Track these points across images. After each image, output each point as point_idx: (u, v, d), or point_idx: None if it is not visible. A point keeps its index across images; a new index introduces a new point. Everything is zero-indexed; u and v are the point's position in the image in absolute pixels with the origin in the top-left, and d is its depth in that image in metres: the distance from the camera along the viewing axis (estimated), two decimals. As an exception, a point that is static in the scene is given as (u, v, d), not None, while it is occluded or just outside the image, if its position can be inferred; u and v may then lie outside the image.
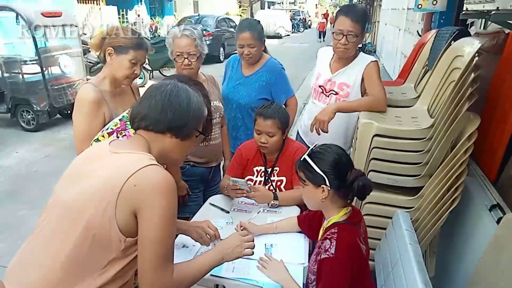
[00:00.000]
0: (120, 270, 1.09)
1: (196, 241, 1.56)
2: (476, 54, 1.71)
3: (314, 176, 1.37)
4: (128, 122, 1.51)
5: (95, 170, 1.11)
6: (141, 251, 1.07)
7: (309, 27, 32.40)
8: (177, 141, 1.20)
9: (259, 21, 2.53)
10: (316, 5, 54.05)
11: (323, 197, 1.37)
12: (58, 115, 6.23)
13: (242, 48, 2.38)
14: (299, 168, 1.43)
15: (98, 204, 1.04)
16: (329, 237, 1.34)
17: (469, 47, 1.79)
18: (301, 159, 1.42)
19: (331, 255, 1.28)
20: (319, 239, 1.47)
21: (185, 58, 2.05)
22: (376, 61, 2.27)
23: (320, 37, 21.09)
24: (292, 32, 27.12)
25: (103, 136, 1.51)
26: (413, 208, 1.86)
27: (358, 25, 2.12)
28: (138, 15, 13.94)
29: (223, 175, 2.47)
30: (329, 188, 1.35)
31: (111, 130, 1.52)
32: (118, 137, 1.47)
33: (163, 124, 1.16)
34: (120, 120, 1.55)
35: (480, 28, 3.11)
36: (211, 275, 1.43)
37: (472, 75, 1.67)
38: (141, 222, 1.06)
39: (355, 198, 1.98)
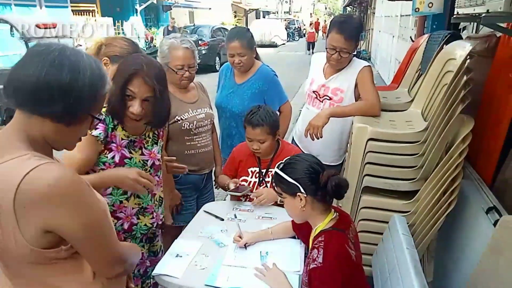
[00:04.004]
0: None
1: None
2: (468, 57, 1.71)
3: (288, 186, 1.38)
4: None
5: None
6: (82, 255, 0.96)
7: (304, 35, 32.60)
8: (59, 126, 0.91)
9: (248, 29, 2.53)
10: (311, 14, 54.57)
11: (301, 206, 1.36)
12: (53, 126, 6.21)
13: (233, 57, 2.38)
14: (274, 182, 1.45)
15: (5, 237, 0.86)
16: (316, 246, 1.32)
17: (460, 50, 1.80)
18: (274, 173, 1.44)
19: (319, 264, 1.26)
20: (309, 249, 1.46)
21: (186, 70, 2.07)
22: (369, 66, 2.28)
23: (309, 49, 18.73)
24: (287, 41, 27.32)
25: None
26: (410, 212, 1.85)
27: (352, 41, 2.15)
28: (173, 26, 13.06)
29: (215, 180, 2.46)
30: (305, 195, 1.35)
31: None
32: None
33: (36, 107, 0.88)
34: None
35: (472, 32, 3.13)
36: (206, 285, 1.41)
37: (465, 77, 1.67)
38: (62, 236, 0.90)
39: (356, 203, 2.00)
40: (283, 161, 1.45)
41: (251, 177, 2.08)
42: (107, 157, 1.54)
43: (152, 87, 1.47)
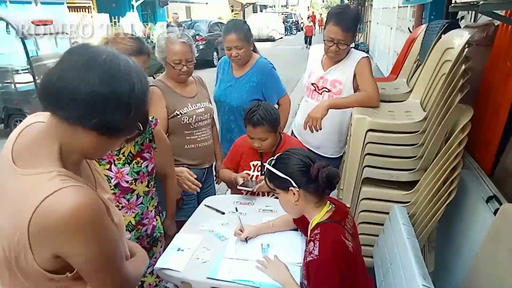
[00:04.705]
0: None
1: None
2: (466, 46, 1.70)
3: (280, 182, 1.40)
4: None
5: (1, 197, 0.87)
6: (88, 282, 0.92)
7: (302, 29, 32.37)
8: (102, 138, 0.86)
9: (245, 22, 2.52)
10: (308, 7, 54.31)
11: (295, 200, 1.38)
12: (52, 124, 6.19)
13: (230, 50, 2.36)
14: (267, 179, 1.46)
15: (16, 248, 0.84)
16: (312, 238, 1.33)
17: (458, 39, 1.79)
18: (266, 169, 1.46)
19: (315, 257, 1.27)
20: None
21: (183, 65, 2.06)
22: (367, 56, 2.27)
23: (306, 42, 18.40)
24: (285, 35, 27.21)
25: None
26: (410, 203, 1.85)
27: (349, 33, 2.15)
28: (177, 22, 12.40)
29: (215, 175, 2.48)
30: (297, 189, 1.36)
31: None
32: None
33: (88, 120, 0.82)
34: None
35: (470, 21, 3.12)
36: (208, 278, 1.42)
37: (463, 66, 1.66)
38: (71, 264, 0.87)
39: (356, 195, 2.00)
40: (274, 157, 1.47)
41: (253, 171, 2.08)
42: None
43: None
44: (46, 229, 0.80)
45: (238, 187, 1.99)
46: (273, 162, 1.44)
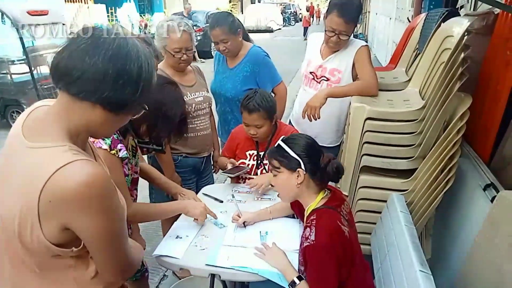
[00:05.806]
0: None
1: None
2: (466, 34, 1.69)
3: (289, 161, 1.39)
4: None
5: (11, 173, 0.88)
6: (93, 257, 0.94)
7: (300, 20, 32.14)
8: (110, 115, 0.89)
9: (229, 13, 2.48)
10: (307, -2, 53.82)
11: (298, 182, 1.38)
12: (49, 115, 6.16)
13: (217, 44, 2.34)
14: (272, 156, 1.44)
15: (22, 222, 0.85)
16: (309, 224, 1.33)
17: (458, 27, 1.78)
18: (275, 146, 1.44)
19: (312, 242, 1.27)
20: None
21: (183, 53, 2.06)
22: (366, 45, 2.25)
23: (305, 34, 17.93)
24: (283, 26, 27.00)
25: None
26: (408, 191, 1.86)
27: (352, 24, 2.14)
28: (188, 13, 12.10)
29: (213, 164, 2.49)
30: (305, 172, 1.36)
31: None
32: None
33: (96, 95, 0.85)
34: None
35: (470, 9, 3.10)
36: (206, 264, 1.42)
37: (462, 54, 1.66)
38: (79, 236, 0.89)
39: (355, 183, 2.00)
40: (285, 136, 1.46)
41: (249, 160, 2.08)
42: None
43: None
44: (58, 199, 0.81)
45: (222, 172, 2.04)
46: (284, 139, 1.43)
